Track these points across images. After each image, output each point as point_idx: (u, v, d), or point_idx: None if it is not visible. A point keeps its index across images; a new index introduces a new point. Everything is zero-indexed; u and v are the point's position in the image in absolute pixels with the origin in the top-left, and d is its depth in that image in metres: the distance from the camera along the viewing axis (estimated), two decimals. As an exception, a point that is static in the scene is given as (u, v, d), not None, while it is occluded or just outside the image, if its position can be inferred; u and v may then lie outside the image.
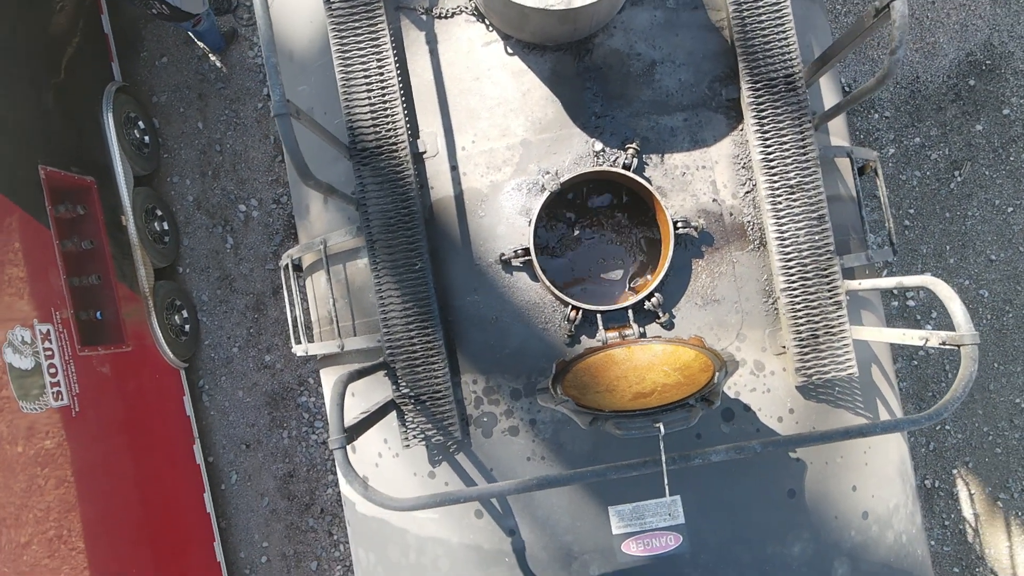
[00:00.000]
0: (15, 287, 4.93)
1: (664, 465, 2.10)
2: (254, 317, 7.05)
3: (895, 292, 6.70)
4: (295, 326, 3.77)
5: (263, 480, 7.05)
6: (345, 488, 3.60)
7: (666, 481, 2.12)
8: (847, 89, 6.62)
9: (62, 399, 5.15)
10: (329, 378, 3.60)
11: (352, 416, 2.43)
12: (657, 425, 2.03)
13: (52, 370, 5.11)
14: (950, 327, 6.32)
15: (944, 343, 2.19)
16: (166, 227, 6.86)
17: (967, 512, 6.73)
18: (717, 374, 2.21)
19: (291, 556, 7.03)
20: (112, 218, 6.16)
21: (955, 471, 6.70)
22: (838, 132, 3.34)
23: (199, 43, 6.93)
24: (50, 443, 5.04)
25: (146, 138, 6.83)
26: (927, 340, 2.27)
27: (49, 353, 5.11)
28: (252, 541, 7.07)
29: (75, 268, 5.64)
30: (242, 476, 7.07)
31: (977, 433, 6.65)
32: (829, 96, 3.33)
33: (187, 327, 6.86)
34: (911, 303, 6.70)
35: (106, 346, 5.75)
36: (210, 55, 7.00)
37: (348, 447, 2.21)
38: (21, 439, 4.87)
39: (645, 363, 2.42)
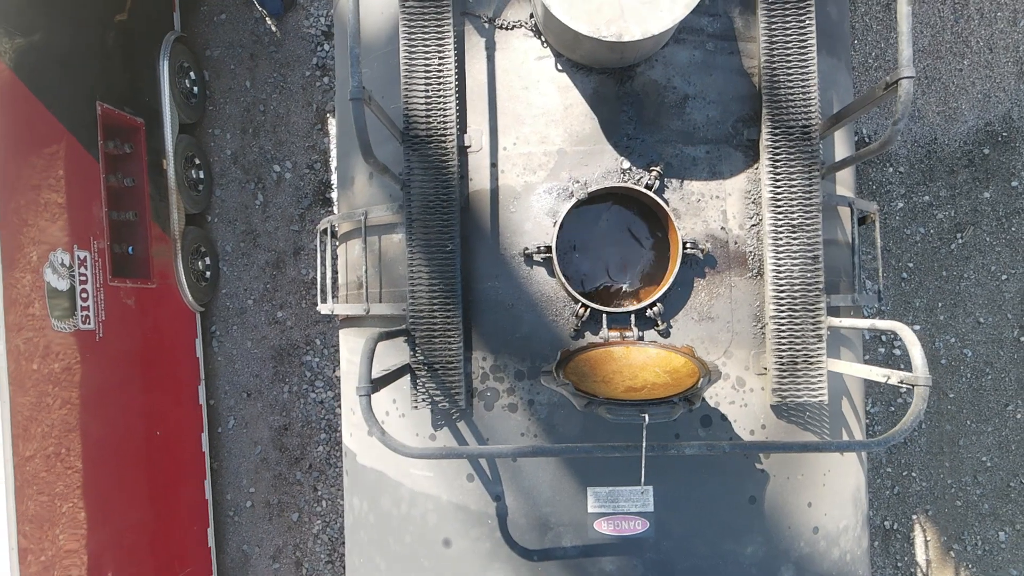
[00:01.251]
0: (61, 212, 5.24)
1: (643, 451, 2.41)
2: (272, 274, 7.36)
3: (883, 340, 7.00)
4: (323, 286, 4.08)
5: (259, 429, 7.37)
6: (347, 439, 3.91)
7: (643, 465, 2.43)
8: (867, 140, 6.91)
9: (89, 323, 5.47)
10: (348, 338, 3.91)
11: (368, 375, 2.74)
12: (643, 415, 2.34)
13: (84, 295, 5.42)
14: (932, 373, 6.61)
15: (902, 382, 2.49)
16: (202, 176, 7.17)
17: (920, 557, 7.04)
18: (701, 380, 2.52)
19: (275, 505, 7.36)
20: (154, 161, 6.47)
21: (915, 516, 7.01)
22: (844, 182, 3.65)
23: (258, 5, 7.23)
24: (65, 364, 5.30)
25: (195, 89, 7.13)
26: (888, 377, 2.58)
27: (83, 279, 5.42)
28: (240, 485, 7.39)
29: (115, 203, 5.96)
30: (239, 422, 7.39)
31: (941, 484, 6.96)
32: (841, 148, 3.63)
33: (208, 274, 7.18)
34: (896, 351, 7.00)
35: (134, 280, 6.07)
36: (267, 18, 7.30)
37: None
38: (38, 357, 5.13)
39: (640, 363, 2.73)
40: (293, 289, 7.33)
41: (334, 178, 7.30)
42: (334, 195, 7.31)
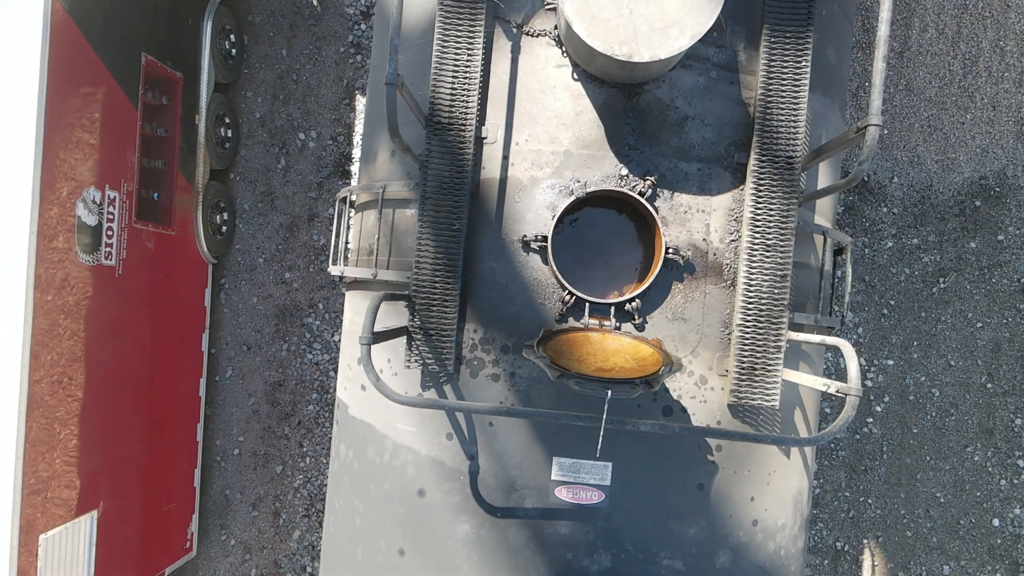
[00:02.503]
0: (97, 152, 5.56)
1: (603, 423, 2.74)
2: (285, 236, 7.70)
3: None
4: (336, 249, 4.41)
5: (254, 382, 7.72)
6: (341, 392, 4.25)
7: (601, 435, 2.76)
8: (866, 177, 7.22)
9: (111, 260, 5.80)
10: (353, 299, 4.24)
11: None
12: (607, 390, 2.66)
13: (109, 232, 5.76)
14: (897, 412, 6.92)
15: (838, 391, 2.82)
16: (230, 135, 7.50)
17: (866, 580, 7.38)
18: (664, 368, 2.84)
19: (261, 455, 7.70)
20: (188, 115, 6.80)
21: (866, 541, 7.34)
22: (824, 213, 3.97)
23: (304, -20, 7.54)
24: (79, 297, 5.55)
25: (234, 51, 7.46)
26: (828, 387, 2.90)
27: (110, 217, 5.76)
28: (230, 433, 7.74)
29: (147, 150, 6.28)
30: (236, 373, 7.73)
31: (894, 513, 7.29)
32: (825, 181, 3.95)
33: (224, 228, 7.51)
34: (869, 383, 7.32)
35: (156, 225, 6.40)
36: (311, -7, 7.62)
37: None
38: (53, 288, 5.39)
39: (612, 348, 3.06)
40: (303, 253, 7.66)
41: (355, 151, 7.62)
42: (353, 168, 7.64)
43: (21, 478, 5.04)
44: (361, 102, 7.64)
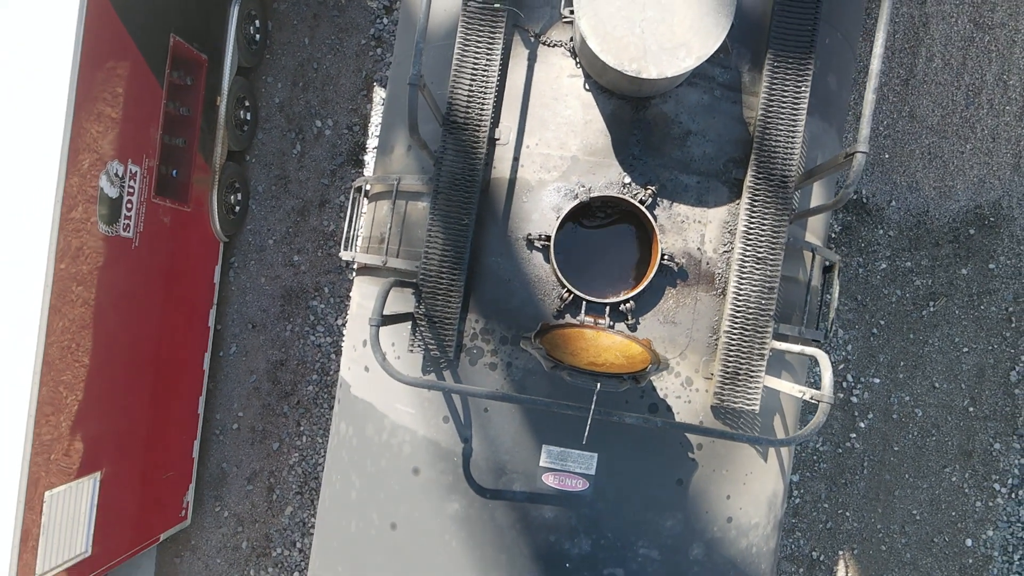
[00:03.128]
0: (122, 128, 5.76)
1: (591, 413, 2.93)
2: (296, 220, 7.90)
3: (843, 387, 7.51)
4: (348, 236, 4.61)
5: (257, 360, 7.92)
6: (345, 372, 4.45)
7: (589, 425, 2.95)
8: (865, 200, 7.42)
9: (129, 232, 6.00)
10: (362, 284, 4.44)
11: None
12: (597, 383, 2.86)
13: (129, 205, 5.96)
14: (880, 429, 7.11)
15: (812, 398, 3.01)
16: (248, 117, 7.70)
17: (839, 591, 7.58)
18: (651, 366, 3.04)
19: (259, 431, 7.91)
20: (210, 96, 7.00)
21: (842, 552, 7.54)
22: (815, 231, 4.16)
23: (330, -28, 7.73)
24: (92, 267, 5.70)
25: (258, 36, 7.65)
26: (804, 394, 3.10)
27: (131, 191, 5.96)
28: (230, 408, 7.95)
29: (169, 128, 6.49)
30: (240, 350, 7.94)
31: (871, 527, 7.49)
32: (818, 199, 4.14)
33: (238, 208, 7.72)
34: (854, 399, 7.52)
35: (173, 201, 6.60)
36: (336, -15, 7.81)
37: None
38: (68, 257, 5.53)
39: (605, 345, 3.25)
40: (313, 237, 7.86)
41: (369, 141, 7.82)
42: (366, 157, 7.83)
43: (32, 436, 5.24)
44: (379, 94, 7.84)
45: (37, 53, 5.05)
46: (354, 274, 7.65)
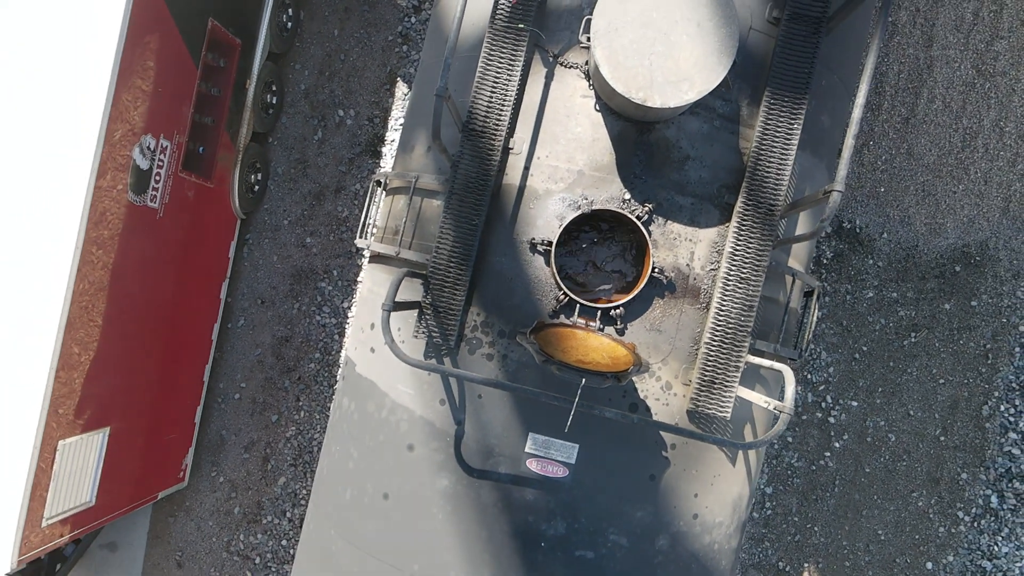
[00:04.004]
0: (158, 103, 6.07)
1: (575, 405, 3.25)
2: (311, 203, 8.21)
3: (822, 407, 7.83)
4: (364, 225, 4.92)
5: (263, 334, 8.24)
6: (351, 351, 4.76)
7: (572, 415, 3.27)
8: (857, 230, 7.72)
9: (155, 203, 6.32)
10: (373, 272, 4.75)
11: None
12: (582, 378, 3.18)
13: (157, 177, 6.27)
14: (854, 450, 7.42)
15: (775, 408, 3.33)
16: (274, 101, 8.01)
17: (801, 601, 7.90)
18: (633, 368, 3.36)
19: (259, 403, 8.23)
20: (240, 79, 7.31)
21: (807, 565, 7.86)
22: (798, 257, 4.48)
23: (365, -31, 8.03)
24: (113, 232, 5.91)
25: (289, 24, 7.96)
26: (769, 404, 3.41)
27: (160, 164, 6.27)
28: (234, 378, 8.27)
29: (200, 107, 6.80)
30: (248, 324, 8.26)
31: (837, 543, 7.81)
32: (803, 228, 4.45)
33: (257, 188, 8.03)
34: (832, 420, 7.84)
35: (197, 176, 6.92)
36: (369, -19, 8.11)
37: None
38: (91, 221, 5.76)
39: (593, 346, 3.57)
40: (326, 221, 8.17)
41: (388, 134, 8.12)
42: (384, 149, 8.14)
43: (52, 389, 5.55)
44: (401, 89, 8.14)
45: (86, 27, 5.36)
46: (364, 260, 7.97)
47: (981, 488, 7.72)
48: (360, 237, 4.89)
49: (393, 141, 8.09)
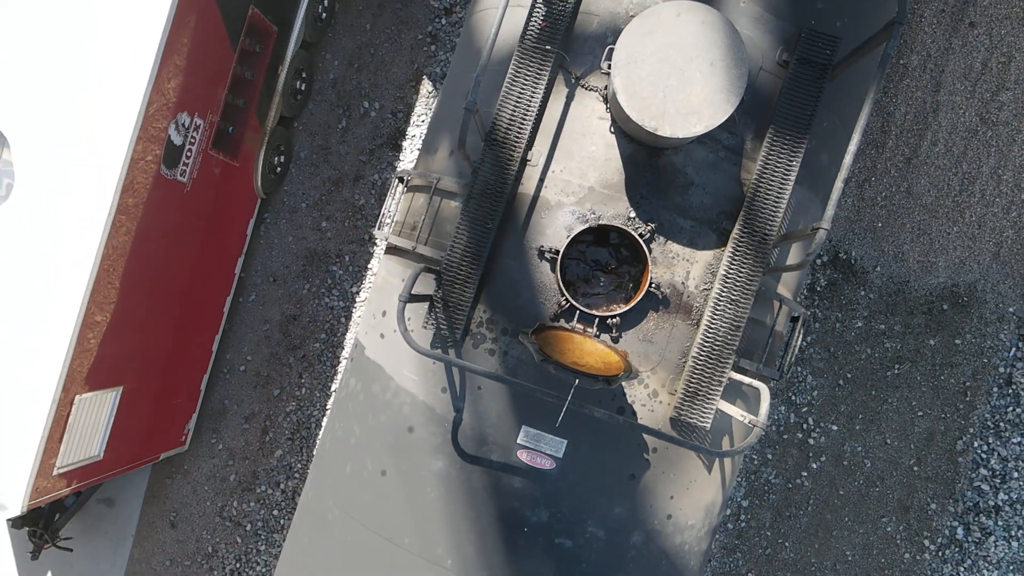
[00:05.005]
0: (196, 83, 6.36)
1: (567, 403, 3.55)
2: (330, 189, 8.51)
3: (804, 428, 8.13)
4: (383, 217, 5.21)
5: (272, 311, 8.55)
6: (361, 335, 5.06)
7: (563, 412, 3.57)
8: (852, 261, 8.01)
9: (184, 177, 6.62)
10: (388, 263, 5.05)
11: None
12: (576, 379, 3.48)
13: (188, 153, 6.57)
14: (830, 473, 7.71)
15: (750, 422, 3.63)
16: (303, 88, 8.31)
17: (767, 613, 8.21)
18: (623, 374, 3.65)
19: (263, 376, 8.54)
20: (273, 64, 7.60)
21: (775, 578, 8.17)
22: (787, 284, 4.77)
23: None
24: (138, 200, 6.13)
25: (324, 15, 8.25)
26: (745, 418, 3.71)
27: (192, 141, 6.57)
28: (241, 351, 8.58)
29: (234, 89, 7.09)
30: (258, 299, 8.57)
31: (805, 560, 8.12)
32: (794, 258, 4.74)
33: (279, 169, 8.33)
34: (811, 441, 8.13)
35: (225, 155, 7.22)
36: (404, -19, 8.39)
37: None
38: (123, 190, 6.02)
39: (588, 350, 3.86)
40: (343, 207, 8.47)
41: (410, 129, 8.41)
42: (405, 143, 8.43)
43: (75, 346, 5.86)
44: (425, 86, 8.43)
45: (136, 8, 5.65)
46: (376, 248, 8.27)
47: (948, 519, 8.02)
48: (378, 229, 5.18)
49: (414, 136, 8.38)
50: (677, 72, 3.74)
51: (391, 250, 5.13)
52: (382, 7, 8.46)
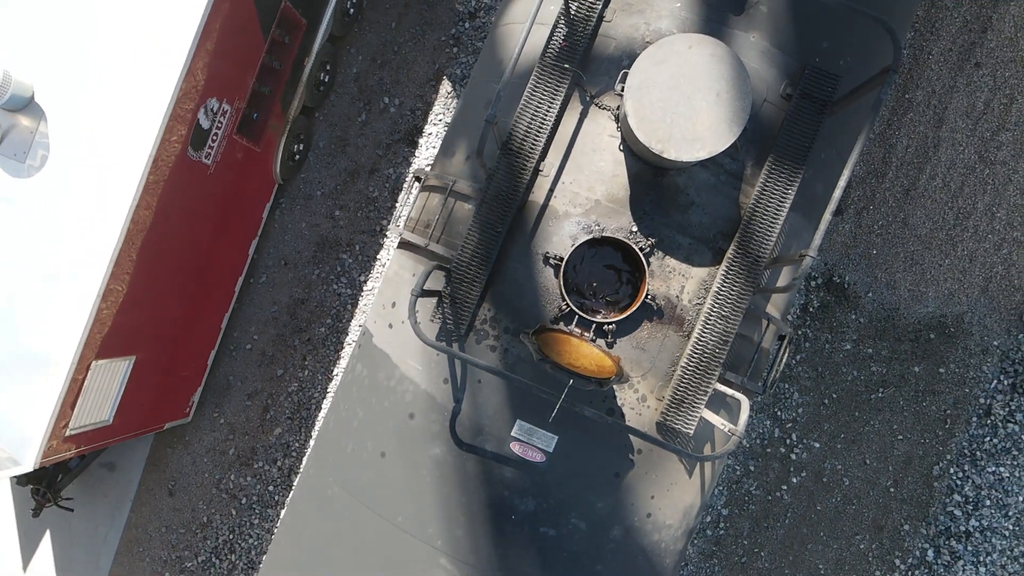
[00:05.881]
0: (227, 70, 6.62)
1: (560, 400, 3.82)
2: (345, 179, 8.77)
3: (787, 443, 8.39)
4: (397, 216, 5.48)
5: (281, 293, 8.82)
6: (370, 324, 5.33)
7: (556, 409, 3.84)
8: (846, 286, 8.27)
9: (208, 159, 6.89)
10: (401, 257, 5.31)
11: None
12: (570, 379, 3.75)
13: (214, 137, 6.84)
14: (809, 488, 7.97)
15: (729, 431, 3.90)
16: (326, 80, 8.57)
17: (738, 619, 8.48)
18: (615, 377, 3.92)
19: (268, 356, 8.81)
20: (300, 56, 7.87)
21: (748, 587, 8.44)
22: (776, 304, 5.03)
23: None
24: (158, 177, 6.32)
25: (352, 11, 8.51)
26: (725, 426, 3.98)
27: (219, 126, 6.84)
28: (248, 329, 8.85)
29: (261, 77, 7.35)
30: (268, 281, 8.84)
31: (779, 571, 8.39)
32: (785, 280, 5.01)
33: (298, 157, 8.60)
34: (793, 456, 8.40)
35: (248, 140, 7.48)
36: (432, -17, 8.65)
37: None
38: (149, 170, 6.28)
39: (584, 353, 4.13)
40: (356, 198, 8.74)
41: (427, 127, 8.67)
42: (421, 140, 8.69)
43: (95, 314, 6.12)
44: (445, 87, 8.69)
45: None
46: (385, 240, 8.54)
47: (920, 541, 8.29)
48: (395, 225, 5.45)
49: (430, 134, 8.65)
50: (685, 100, 4.01)
51: (404, 245, 5.39)
52: (408, 7, 8.72)
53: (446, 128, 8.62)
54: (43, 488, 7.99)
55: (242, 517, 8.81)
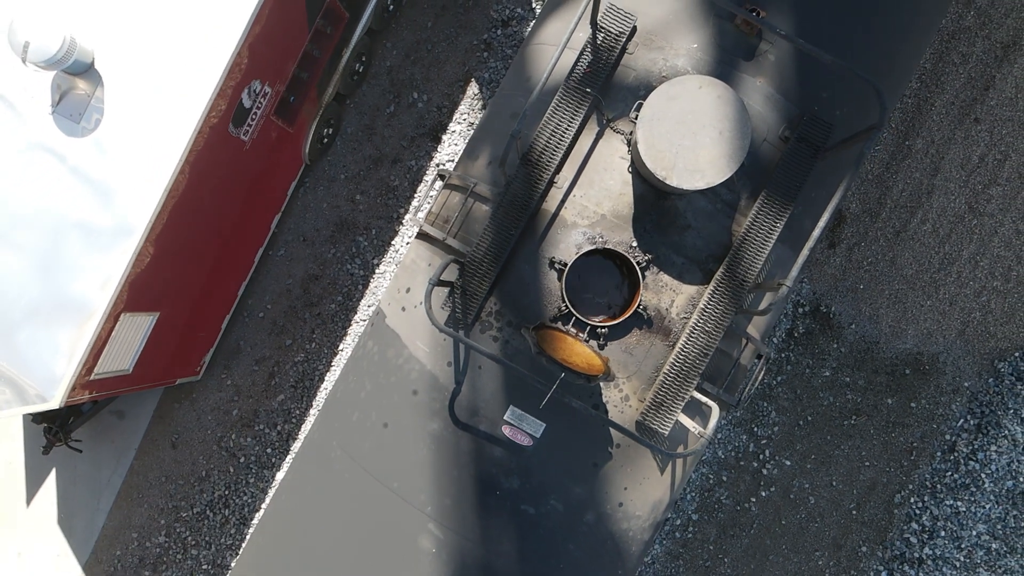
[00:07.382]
0: (272, 55, 7.07)
1: (551, 390, 4.28)
2: (368, 166, 9.22)
3: (760, 458, 8.86)
4: (419, 208, 5.94)
5: (296, 268, 9.28)
6: (384, 305, 5.79)
7: (547, 397, 4.30)
8: (830, 315, 8.73)
9: (245, 137, 7.34)
10: (418, 247, 5.76)
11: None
12: (562, 372, 4.21)
13: (253, 117, 7.29)
14: (776, 502, 8.42)
15: (699, 433, 4.36)
16: (361, 70, 9.02)
17: (697, 619, 8.96)
18: (602, 376, 4.38)
19: (279, 326, 9.28)
20: (339, 46, 8.32)
21: (710, 590, 8.92)
22: (757, 326, 5.49)
23: (469, -23, 9.00)
24: (195, 148, 6.67)
25: (391, 7, 8.95)
26: (695, 429, 4.44)
27: (259, 106, 7.29)
28: (262, 299, 9.32)
29: (301, 63, 7.80)
30: (286, 255, 9.29)
31: (740, 577, 8.87)
32: (764, 304, 5.46)
33: (326, 141, 9.05)
34: (765, 471, 8.87)
35: (283, 121, 7.93)
36: (470, -11, 9.08)
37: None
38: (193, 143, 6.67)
39: (577, 351, 4.59)
40: (378, 184, 9.19)
41: (452, 125, 9.12)
42: (444, 137, 9.14)
43: (131, 269, 6.56)
44: (472, 88, 9.13)
45: (234, -17, 6.36)
46: (401, 227, 9.00)
47: (875, 563, 8.76)
48: (414, 216, 5.91)
49: (454, 132, 9.09)
50: (691, 135, 4.46)
51: (422, 236, 5.85)
52: (446, 9, 9.16)
53: (469, 127, 9.08)
54: (56, 427, 8.46)
55: (239, 475, 9.28)
